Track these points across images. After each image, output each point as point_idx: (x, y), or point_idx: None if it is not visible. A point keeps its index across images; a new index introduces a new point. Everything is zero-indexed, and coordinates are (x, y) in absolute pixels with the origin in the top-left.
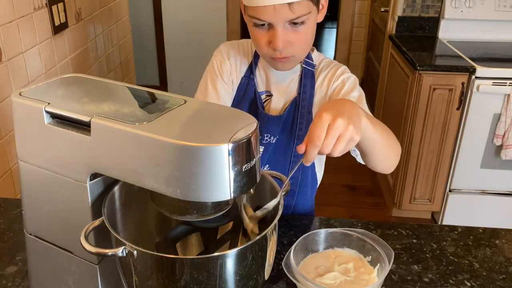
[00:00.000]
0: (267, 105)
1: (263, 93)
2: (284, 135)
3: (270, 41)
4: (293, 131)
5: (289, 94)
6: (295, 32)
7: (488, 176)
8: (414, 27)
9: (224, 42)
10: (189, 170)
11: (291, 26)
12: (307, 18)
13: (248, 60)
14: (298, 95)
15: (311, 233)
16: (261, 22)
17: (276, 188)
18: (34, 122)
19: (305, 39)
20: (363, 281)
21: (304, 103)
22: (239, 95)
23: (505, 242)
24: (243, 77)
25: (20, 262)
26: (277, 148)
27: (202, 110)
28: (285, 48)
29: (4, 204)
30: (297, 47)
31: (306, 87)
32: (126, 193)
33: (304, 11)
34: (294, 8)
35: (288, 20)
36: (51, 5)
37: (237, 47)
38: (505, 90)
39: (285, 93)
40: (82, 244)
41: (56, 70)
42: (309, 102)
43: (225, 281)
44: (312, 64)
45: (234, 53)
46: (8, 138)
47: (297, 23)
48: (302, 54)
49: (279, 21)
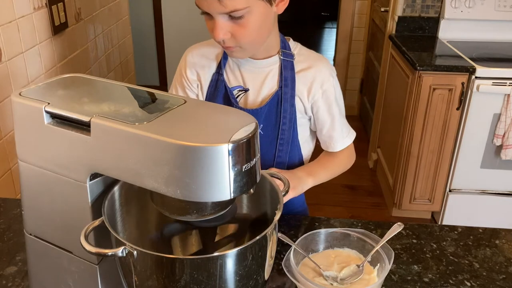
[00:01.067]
0: (242, 99)
1: (235, 88)
2: (269, 129)
3: (212, 30)
4: (277, 125)
5: (268, 87)
6: (236, 24)
7: (488, 176)
8: (414, 27)
9: (191, 46)
10: (189, 170)
11: (230, 19)
12: (247, 12)
13: (218, 58)
14: (280, 88)
15: (311, 233)
16: (203, 10)
17: (276, 188)
18: (34, 122)
19: (248, 33)
20: (363, 281)
21: (287, 97)
22: (210, 92)
23: (505, 242)
24: (213, 74)
25: (20, 262)
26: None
27: (202, 110)
28: (227, 38)
29: (4, 204)
30: (240, 39)
31: (287, 80)
32: (126, 193)
33: (239, 6)
34: (224, 2)
35: (222, 13)
36: (51, 5)
37: (203, 50)
38: (505, 90)
39: (263, 86)
40: (82, 244)
41: (56, 70)
42: (291, 96)
43: (225, 281)
44: (291, 55)
45: (198, 59)
46: (8, 138)
47: (234, 16)
48: (250, 45)
49: (213, 13)
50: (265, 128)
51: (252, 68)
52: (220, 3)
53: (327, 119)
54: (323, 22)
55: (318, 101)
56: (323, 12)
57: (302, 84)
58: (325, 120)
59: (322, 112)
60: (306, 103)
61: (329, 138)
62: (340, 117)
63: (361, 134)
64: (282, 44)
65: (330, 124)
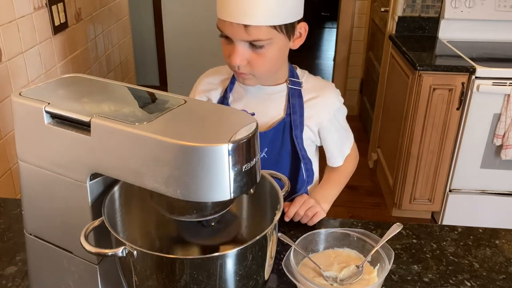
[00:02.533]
0: None
1: None
2: (273, 153)
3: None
4: (282, 152)
5: (274, 113)
6: (255, 53)
7: (488, 176)
8: (414, 27)
9: (204, 74)
10: (189, 170)
11: (251, 47)
12: (268, 43)
13: (225, 83)
14: (288, 115)
15: (311, 233)
16: (224, 34)
17: (276, 188)
18: (34, 122)
19: (264, 63)
20: (363, 281)
21: (296, 123)
22: None
23: (505, 242)
24: (219, 97)
25: (20, 262)
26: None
27: (202, 110)
28: (243, 65)
29: (4, 204)
30: (255, 68)
31: (295, 107)
32: (126, 193)
33: (262, 36)
34: (249, 30)
35: (245, 40)
36: (51, 5)
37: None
38: (505, 90)
39: (268, 112)
40: (82, 244)
41: (56, 70)
42: (300, 122)
43: (225, 281)
44: (299, 83)
45: (208, 86)
46: (8, 138)
47: (255, 45)
48: (263, 75)
49: (236, 39)
50: (269, 152)
51: (259, 94)
52: (245, 30)
53: (332, 140)
54: (323, 22)
55: (326, 126)
56: (323, 12)
57: (310, 113)
58: (329, 141)
59: (328, 135)
60: (314, 130)
61: (331, 156)
62: (342, 134)
63: (361, 134)
64: (290, 73)
65: (333, 144)
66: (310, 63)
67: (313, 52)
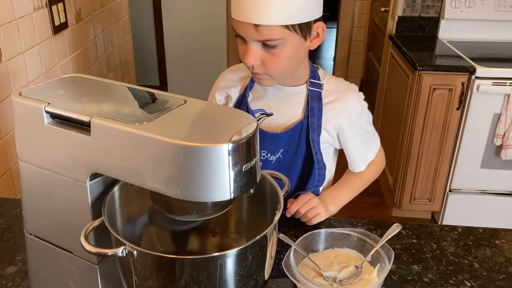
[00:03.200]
0: (264, 122)
1: (257, 111)
2: (288, 154)
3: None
4: (297, 154)
5: (292, 114)
6: (268, 53)
7: (488, 176)
8: (414, 27)
9: (226, 70)
10: (189, 170)
11: (264, 46)
12: (281, 43)
13: (245, 80)
14: (305, 118)
15: (311, 233)
16: (238, 34)
17: (276, 188)
18: (34, 122)
19: (278, 63)
20: (363, 281)
21: (314, 126)
22: None
23: (505, 242)
24: (239, 95)
25: (20, 262)
26: (279, 167)
27: (202, 110)
28: (257, 65)
29: (4, 204)
30: (269, 68)
31: (314, 110)
32: (126, 193)
33: (274, 36)
34: (260, 30)
35: (257, 40)
36: (51, 5)
37: (233, 74)
38: (505, 90)
39: (287, 113)
40: (82, 244)
41: (56, 70)
42: (318, 125)
43: (225, 281)
44: (319, 84)
45: (228, 83)
46: (8, 138)
47: (268, 45)
48: (278, 75)
49: (248, 38)
50: (285, 153)
51: (279, 94)
52: (256, 30)
53: (353, 146)
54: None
55: (346, 130)
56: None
57: (329, 116)
58: (351, 146)
59: (349, 140)
60: (332, 134)
61: (353, 161)
62: (365, 140)
63: None
64: (311, 74)
65: (355, 150)
66: None
67: (313, 52)
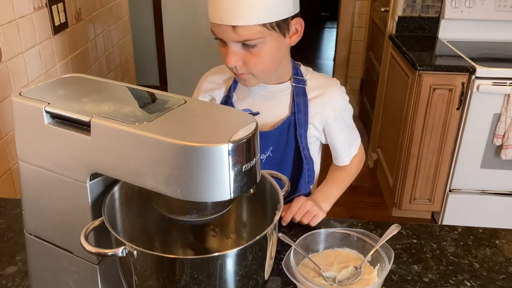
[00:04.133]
0: None
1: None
2: (278, 152)
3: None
4: (287, 151)
5: (279, 112)
6: (248, 52)
7: (488, 176)
8: (414, 27)
9: (206, 73)
10: (189, 170)
11: (243, 47)
12: (260, 42)
13: (228, 82)
14: (292, 114)
15: (311, 233)
16: (217, 37)
17: (276, 188)
18: (34, 122)
19: (260, 62)
20: (363, 281)
21: (300, 122)
22: None
23: (505, 242)
24: (223, 97)
25: (20, 262)
26: (269, 165)
27: (202, 110)
28: (239, 66)
29: (4, 204)
30: (252, 67)
31: (300, 106)
32: (126, 193)
33: (252, 36)
34: (238, 31)
35: (236, 41)
36: (51, 5)
37: (215, 76)
38: (505, 90)
39: (273, 111)
40: (82, 244)
41: (56, 70)
42: (305, 121)
43: (225, 281)
44: (303, 81)
45: (210, 85)
46: (8, 138)
47: (248, 45)
48: (261, 74)
49: (227, 40)
50: (275, 151)
51: (263, 93)
52: (234, 31)
53: (339, 139)
54: (323, 22)
55: (331, 124)
56: (323, 12)
57: (315, 110)
58: (336, 140)
59: (335, 133)
60: (319, 128)
61: (338, 155)
62: (349, 134)
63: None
64: (294, 70)
65: (340, 143)
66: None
67: (313, 52)
